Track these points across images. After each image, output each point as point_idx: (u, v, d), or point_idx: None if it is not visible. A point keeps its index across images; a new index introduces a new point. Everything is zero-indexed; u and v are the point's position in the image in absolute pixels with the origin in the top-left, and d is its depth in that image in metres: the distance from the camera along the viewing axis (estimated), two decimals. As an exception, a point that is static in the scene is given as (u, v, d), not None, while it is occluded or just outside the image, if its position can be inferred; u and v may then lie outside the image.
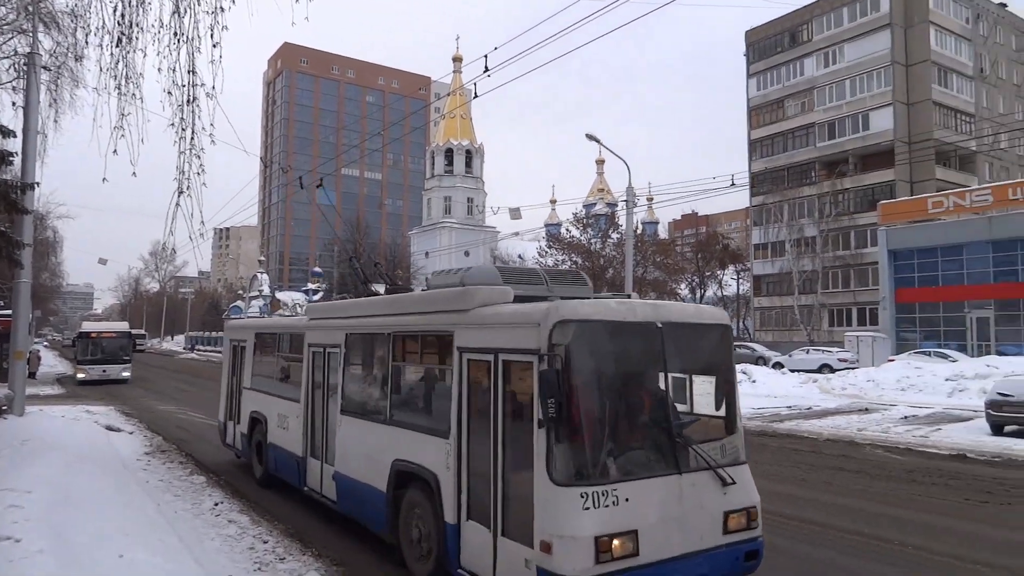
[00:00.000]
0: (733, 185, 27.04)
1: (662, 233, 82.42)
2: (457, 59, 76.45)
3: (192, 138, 8.33)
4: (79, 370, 32.55)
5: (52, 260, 50.31)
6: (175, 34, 7.80)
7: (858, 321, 46.78)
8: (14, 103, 16.19)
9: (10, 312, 16.82)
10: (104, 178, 8.41)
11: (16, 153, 13.98)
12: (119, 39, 8.21)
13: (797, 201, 50.89)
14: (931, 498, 10.74)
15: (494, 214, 62.72)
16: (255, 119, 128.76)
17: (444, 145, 79.43)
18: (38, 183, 15.20)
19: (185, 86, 8.02)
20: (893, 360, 30.68)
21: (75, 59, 14.86)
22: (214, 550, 7.52)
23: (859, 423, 18.70)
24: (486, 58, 13.02)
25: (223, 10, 7.69)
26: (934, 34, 48.99)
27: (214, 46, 7.69)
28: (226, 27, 7.73)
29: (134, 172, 8.35)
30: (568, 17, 12.66)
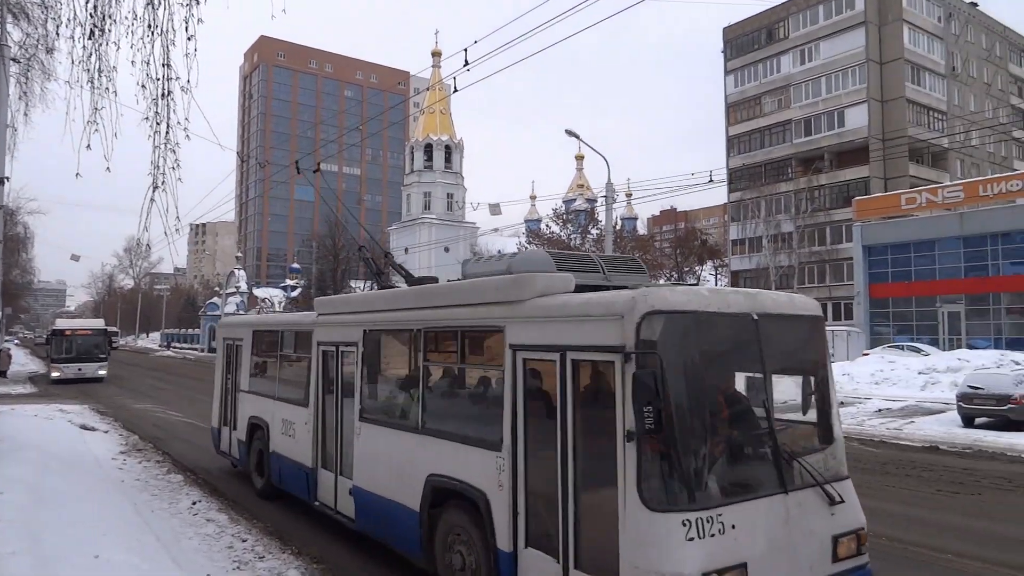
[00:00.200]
0: (711, 181, 27.40)
1: (641, 229, 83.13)
2: (436, 54, 76.07)
3: (167, 133, 8.18)
4: (53, 368, 31.83)
5: (23, 256, 49.30)
6: (149, 27, 7.67)
7: (833, 316, 47.35)
8: (-18, 96, 15.84)
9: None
10: (78, 173, 8.26)
11: (-16, 147, 13.69)
12: (91, 31, 8.05)
13: (774, 197, 51.41)
14: (904, 489, 10.96)
15: (474, 210, 62.49)
16: (232, 113, 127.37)
17: (423, 140, 79.04)
18: (8, 177, 14.84)
19: (160, 80, 7.87)
20: (867, 354, 31.15)
21: (46, 51, 14.49)
22: (192, 549, 7.46)
23: (834, 416, 18.99)
24: (466, 52, 12.96)
25: (198, 2, 7.60)
26: (907, 32, 49.73)
27: (189, 39, 7.57)
28: (201, 20, 7.60)
29: (108, 167, 8.20)
30: (548, 11, 12.65)
